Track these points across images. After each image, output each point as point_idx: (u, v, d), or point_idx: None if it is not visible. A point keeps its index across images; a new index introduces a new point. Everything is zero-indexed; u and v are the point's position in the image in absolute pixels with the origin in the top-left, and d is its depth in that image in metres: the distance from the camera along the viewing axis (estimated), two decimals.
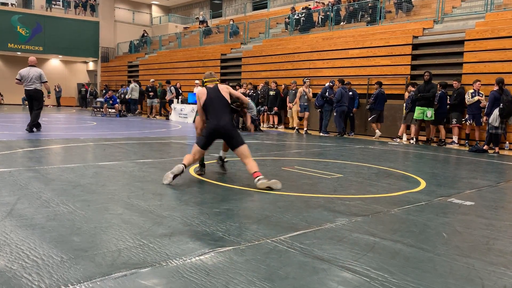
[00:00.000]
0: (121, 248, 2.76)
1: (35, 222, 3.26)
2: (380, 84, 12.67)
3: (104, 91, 23.62)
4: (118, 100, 19.76)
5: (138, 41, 29.34)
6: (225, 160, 5.94)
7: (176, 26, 31.06)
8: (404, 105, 12.00)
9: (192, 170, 5.82)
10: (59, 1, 29.45)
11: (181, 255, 2.68)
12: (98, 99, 21.42)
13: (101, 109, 19.85)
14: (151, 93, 19.90)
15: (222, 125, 5.01)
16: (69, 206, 3.74)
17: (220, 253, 2.76)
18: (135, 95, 20.50)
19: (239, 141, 5.00)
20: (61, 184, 4.64)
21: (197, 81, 18.87)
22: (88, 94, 26.60)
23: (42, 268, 2.41)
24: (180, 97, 18.95)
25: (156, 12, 34.24)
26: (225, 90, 5.20)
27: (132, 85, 20.87)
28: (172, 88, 18.98)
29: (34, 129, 10.22)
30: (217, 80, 5.46)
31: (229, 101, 5.19)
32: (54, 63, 31.23)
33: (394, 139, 12.00)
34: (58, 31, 27.45)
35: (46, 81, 10.16)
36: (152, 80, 20.51)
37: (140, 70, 25.66)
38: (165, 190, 4.61)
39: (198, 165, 5.76)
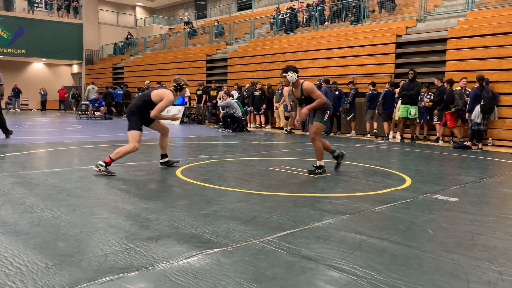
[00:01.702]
0: (107, 253, 2.74)
1: (18, 228, 3.21)
2: (353, 83, 13.05)
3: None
4: (103, 103, 19.59)
5: (122, 43, 29.09)
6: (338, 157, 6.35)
7: (161, 27, 30.88)
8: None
9: (179, 172, 5.79)
10: (42, 3, 29.05)
11: (168, 258, 2.67)
12: (83, 102, 21.23)
13: (86, 112, 19.63)
14: None
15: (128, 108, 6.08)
16: (54, 211, 3.69)
17: (208, 255, 2.75)
18: (91, 97, 20.50)
19: (128, 127, 5.78)
20: (46, 189, 4.58)
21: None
22: (70, 97, 26.28)
23: (26, 275, 2.37)
24: None
25: (140, 13, 34.00)
26: (156, 92, 5.83)
27: (89, 87, 21.19)
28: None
29: (10, 132, 9.99)
30: (173, 87, 5.99)
31: (153, 100, 5.78)
32: (38, 66, 30.73)
33: (384, 138, 12.00)
34: (40, 34, 27.00)
35: (2, 84, 9.93)
36: (147, 82, 20.26)
37: (125, 72, 25.45)
38: (152, 193, 4.58)
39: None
